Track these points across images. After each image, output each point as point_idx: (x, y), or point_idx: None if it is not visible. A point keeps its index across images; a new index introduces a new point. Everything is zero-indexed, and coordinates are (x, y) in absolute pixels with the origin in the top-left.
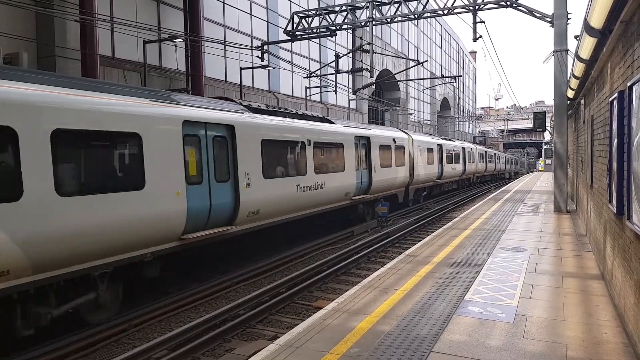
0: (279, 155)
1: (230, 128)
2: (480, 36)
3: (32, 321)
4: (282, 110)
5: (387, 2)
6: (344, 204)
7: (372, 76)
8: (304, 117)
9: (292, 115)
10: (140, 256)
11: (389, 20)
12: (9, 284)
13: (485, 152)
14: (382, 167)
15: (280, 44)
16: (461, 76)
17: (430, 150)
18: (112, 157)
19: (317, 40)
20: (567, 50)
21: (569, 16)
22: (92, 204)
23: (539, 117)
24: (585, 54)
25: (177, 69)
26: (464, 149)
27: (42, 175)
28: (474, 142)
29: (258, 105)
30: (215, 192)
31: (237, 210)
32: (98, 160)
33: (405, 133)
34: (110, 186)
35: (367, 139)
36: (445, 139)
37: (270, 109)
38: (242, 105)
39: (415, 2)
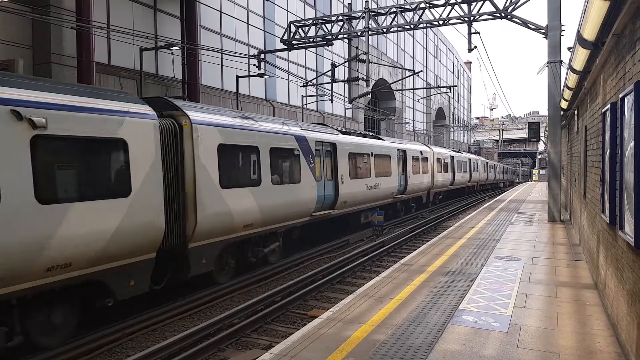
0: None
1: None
2: (475, 47)
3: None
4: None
5: (383, 12)
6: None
7: (368, 85)
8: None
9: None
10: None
11: (384, 30)
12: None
13: (503, 166)
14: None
15: (277, 53)
16: (456, 86)
17: (485, 166)
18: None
19: (313, 49)
20: (561, 61)
21: (563, 28)
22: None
23: (533, 127)
24: (579, 65)
25: (174, 76)
26: (495, 165)
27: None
28: (474, 154)
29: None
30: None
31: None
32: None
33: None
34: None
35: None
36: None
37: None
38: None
39: (411, 13)
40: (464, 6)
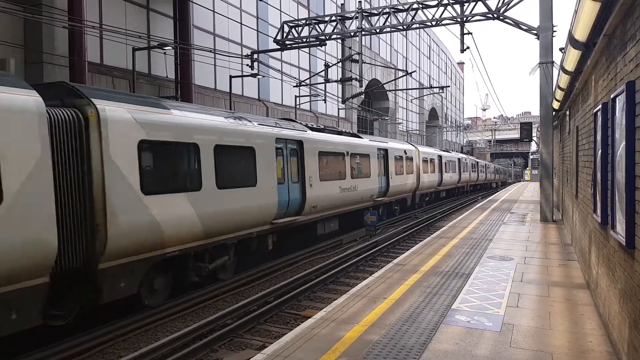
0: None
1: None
2: (468, 47)
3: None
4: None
5: (376, 12)
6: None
7: (361, 86)
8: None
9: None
10: None
11: (378, 30)
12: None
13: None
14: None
15: (270, 53)
16: (449, 87)
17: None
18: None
19: (306, 49)
20: (553, 62)
21: (555, 29)
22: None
23: (526, 128)
24: (570, 66)
25: (167, 76)
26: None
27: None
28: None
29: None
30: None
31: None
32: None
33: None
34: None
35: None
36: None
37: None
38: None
39: (404, 13)
40: (457, 7)
